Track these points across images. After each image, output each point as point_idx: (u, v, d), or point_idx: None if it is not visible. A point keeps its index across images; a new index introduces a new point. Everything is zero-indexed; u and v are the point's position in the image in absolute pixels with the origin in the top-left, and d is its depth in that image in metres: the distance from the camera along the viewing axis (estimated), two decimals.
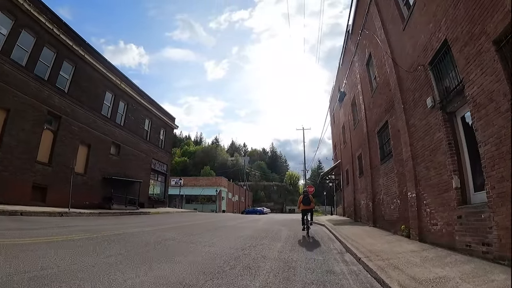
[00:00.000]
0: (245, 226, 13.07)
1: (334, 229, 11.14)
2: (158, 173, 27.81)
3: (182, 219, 15.83)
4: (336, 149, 24.12)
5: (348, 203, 19.01)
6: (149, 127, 27.14)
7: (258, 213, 49.76)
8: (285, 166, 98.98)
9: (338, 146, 22.84)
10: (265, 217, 26.20)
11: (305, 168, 45.03)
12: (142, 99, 26.02)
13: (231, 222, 15.72)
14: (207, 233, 9.42)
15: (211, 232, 9.93)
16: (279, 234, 10.15)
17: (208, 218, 18.73)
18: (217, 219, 18.40)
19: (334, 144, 25.52)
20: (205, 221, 15.21)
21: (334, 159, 24.62)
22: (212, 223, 13.81)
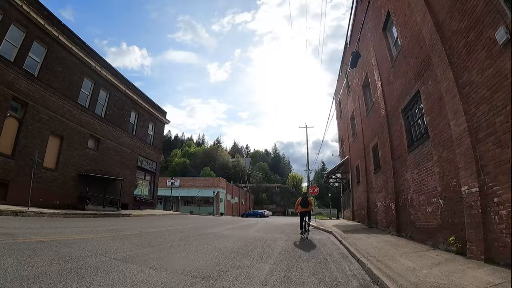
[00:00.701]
0: (233, 234, 10.32)
1: (346, 240, 8.34)
2: (145, 171, 25.18)
3: (162, 224, 13.16)
4: (343, 144, 21.30)
5: (358, 205, 16.16)
6: (135, 121, 24.59)
7: (258, 216, 46.93)
8: (288, 167, 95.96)
9: (345, 140, 20.03)
10: (264, 221, 23.40)
11: (308, 168, 42.08)
12: (127, 89, 23.51)
13: (219, 227, 12.99)
14: (175, 244, 6.73)
15: (183, 242, 7.22)
16: (272, 246, 7.39)
17: (196, 222, 16.04)
18: (205, 223, 15.67)
19: (341, 139, 22.70)
20: (188, 226, 12.52)
21: (341, 156, 21.79)
22: (193, 229, 11.09)
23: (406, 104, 8.35)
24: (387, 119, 10.06)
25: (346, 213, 20.56)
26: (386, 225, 10.38)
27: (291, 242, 8.42)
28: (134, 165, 23.82)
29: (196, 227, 12.34)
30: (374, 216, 12.29)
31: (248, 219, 26.60)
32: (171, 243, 6.95)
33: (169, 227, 11.36)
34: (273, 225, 17.15)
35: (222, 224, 15.91)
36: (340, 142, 23.07)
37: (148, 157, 25.46)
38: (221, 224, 15.50)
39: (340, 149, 22.82)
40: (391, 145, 9.62)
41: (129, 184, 22.95)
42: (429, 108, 6.91)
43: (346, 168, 19.40)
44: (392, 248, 6.80)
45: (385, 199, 10.56)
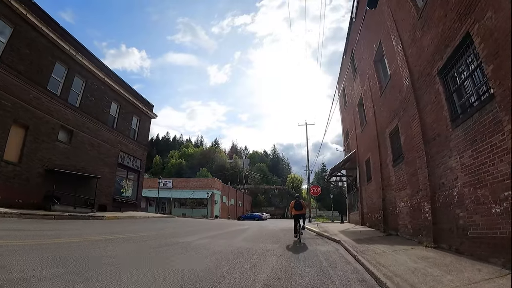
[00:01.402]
0: (211, 244, 7.78)
1: (363, 255, 5.81)
2: (128, 169, 22.66)
3: (132, 229, 10.71)
4: (348, 137, 18.78)
5: (369, 206, 13.62)
6: (116, 113, 22.13)
7: (256, 219, 44.38)
8: (287, 169, 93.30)
9: (351, 132, 17.52)
10: (259, 225, 20.84)
11: (309, 168, 39.59)
12: (107, 78, 21.10)
13: (201, 234, 10.51)
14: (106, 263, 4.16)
15: (127, 260, 4.70)
16: (258, 267, 4.86)
17: (178, 227, 13.59)
18: (189, 228, 13.17)
19: (345, 132, 20.19)
20: (162, 233, 10.04)
21: (346, 150, 19.27)
22: (164, 237, 8.58)
23: (446, 60, 5.85)
24: (413, 90, 7.56)
25: (353, 216, 18.00)
26: (413, 232, 7.85)
27: (287, 258, 5.90)
28: (114, 162, 21.31)
29: (171, 234, 9.81)
30: (394, 220, 9.73)
31: (242, 223, 24.05)
32: (102, 261, 4.42)
33: (135, 234, 8.88)
34: (268, 230, 14.61)
35: (207, 229, 13.40)
36: (345, 136, 20.56)
37: (131, 153, 22.94)
38: (207, 230, 12.99)
39: (345, 143, 20.30)
40: (421, 124, 7.10)
41: (108, 183, 20.44)
42: (492, 52, 4.43)
43: (352, 164, 16.86)
44: (442, 272, 4.27)
45: (410, 197, 8.04)
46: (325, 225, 18.55)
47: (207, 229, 13.60)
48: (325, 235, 10.82)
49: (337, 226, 16.55)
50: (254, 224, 23.67)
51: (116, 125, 21.81)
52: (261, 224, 21.71)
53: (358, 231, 11.74)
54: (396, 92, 9.04)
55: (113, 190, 20.92)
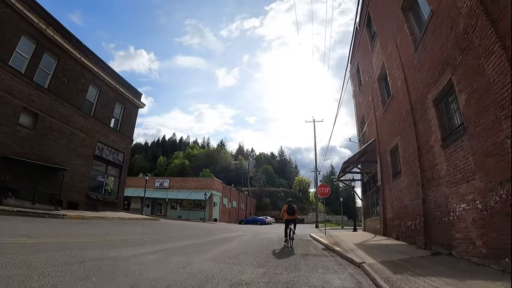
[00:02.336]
0: (153, 264, 4.60)
1: None
2: (107, 163, 19.76)
3: (82, 232, 7.91)
4: (365, 125, 15.34)
5: (397, 211, 10.19)
6: (95, 99, 19.33)
7: (258, 223, 41.09)
8: (295, 171, 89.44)
9: (369, 117, 14.14)
10: (255, 232, 17.55)
11: (316, 168, 36.11)
12: (85, 58, 18.38)
13: (163, 244, 7.41)
14: None
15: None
16: None
17: (146, 233, 10.46)
18: (157, 235, 10.02)
19: (360, 119, 16.78)
20: (106, 240, 6.94)
21: (361, 142, 15.82)
22: (101, 247, 5.52)
23: None
24: None
25: (370, 224, 14.50)
26: (488, 254, 4.52)
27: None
28: (90, 154, 18.45)
29: (122, 242, 6.74)
30: (444, 231, 6.32)
31: (238, 228, 20.81)
32: None
33: (72, 239, 5.99)
34: (262, 240, 11.34)
35: (185, 236, 10.26)
36: (359, 125, 17.12)
37: (111, 145, 20.04)
38: (184, 237, 9.89)
39: (360, 133, 16.86)
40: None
41: (80, 177, 17.56)
42: None
43: (371, 157, 13.45)
44: None
45: (483, 194, 4.72)
46: (335, 233, 15.15)
47: (185, 236, 10.45)
48: (337, 251, 7.48)
49: (350, 236, 13.11)
50: (252, 229, 20.39)
51: (94, 112, 18.99)
52: (258, 231, 18.36)
53: (383, 246, 8.34)
54: (445, 30, 5.72)
55: (87, 185, 18.02)
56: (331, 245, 8.68)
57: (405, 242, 9.01)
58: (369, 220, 14.90)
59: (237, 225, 30.55)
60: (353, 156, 13.02)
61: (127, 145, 21.56)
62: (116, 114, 20.99)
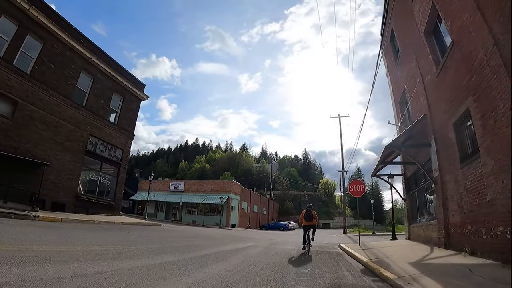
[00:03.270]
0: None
1: None
2: (103, 160, 17.56)
3: (23, 238, 5.17)
4: (408, 102, 11.62)
5: (469, 212, 6.59)
6: (88, 88, 17.30)
7: (281, 228, 37.55)
8: (319, 174, 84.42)
9: (413, 91, 10.48)
10: (271, 241, 14.36)
11: (343, 168, 32.17)
12: (76, 43, 16.49)
13: (99, 265, 4.53)
14: None
15: None
16: None
17: (98, 244, 7.73)
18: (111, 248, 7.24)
19: (399, 99, 13.10)
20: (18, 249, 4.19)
21: (401, 124, 12.07)
22: None
23: None
24: None
25: (419, 230, 10.68)
26: None
27: None
28: (81, 149, 16.32)
29: (44, 257, 3.92)
30: None
31: (250, 237, 17.69)
32: None
33: None
34: (274, 255, 8.16)
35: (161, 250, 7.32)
36: (398, 106, 13.44)
37: (107, 140, 17.84)
38: (157, 251, 6.94)
39: (399, 117, 13.13)
40: None
41: (68, 174, 15.44)
42: None
43: (419, 139, 9.80)
44: None
45: None
46: (373, 243, 11.56)
47: (170, 248, 7.57)
48: (389, 278, 4.17)
49: (395, 248, 9.47)
50: (269, 237, 17.16)
51: (86, 102, 16.93)
52: (276, 240, 15.04)
53: (461, 268, 4.85)
54: None
55: (77, 184, 15.85)
56: (374, 266, 5.33)
57: (492, 260, 5.44)
58: (416, 226, 11.10)
59: (254, 232, 27.37)
60: (397, 138, 9.37)
61: (126, 140, 19.31)
62: (114, 106, 18.86)
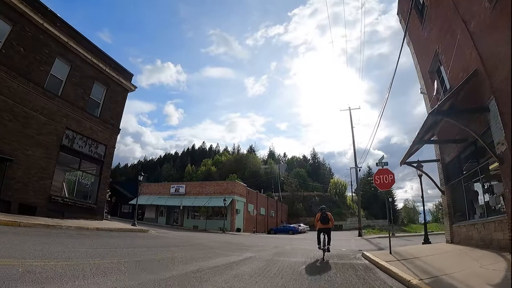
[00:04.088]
0: None
1: None
2: (82, 157, 15.42)
3: None
4: (440, 66, 9.03)
5: None
6: (65, 76, 15.24)
7: (290, 231, 34.96)
8: (329, 175, 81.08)
9: (455, 46, 7.90)
10: (276, 250, 11.83)
11: (356, 164, 29.46)
12: (49, 25, 14.51)
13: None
14: None
15: None
16: None
17: (31, 258, 5.44)
18: (34, 264, 4.94)
19: (429, 66, 10.50)
20: None
21: (435, 96, 9.42)
22: None
23: None
24: None
25: (471, 231, 7.94)
26: None
27: None
28: (55, 144, 14.21)
29: None
30: None
31: (253, 244, 15.19)
32: None
33: None
34: (277, 273, 5.77)
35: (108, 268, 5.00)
36: (429, 76, 10.84)
37: (87, 134, 15.72)
38: (99, 272, 4.61)
39: (430, 90, 10.52)
40: None
41: (40, 172, 13.36)
42: None
43: (468, 104, 7.23)
44: None
45: None
46: (405, 250, 8.96)
47: (136, 264, 5.30)
48: None
49: (444, 256, 6.89)
50: (276, 244, 14.62)
51: (62, 92, 14.87)
52: (283, 247, 12.39)
53: None
54: None
55: (51, 184, 13.73)
56: None
57: None
58: (465, 225, 8.43)
59: (260, 237, 24.85)
60: (440, 104, 6.75)
61: (111, 135, 17.14)
62: (96, 97, 16.75)
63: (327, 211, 8.97)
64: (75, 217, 14.10)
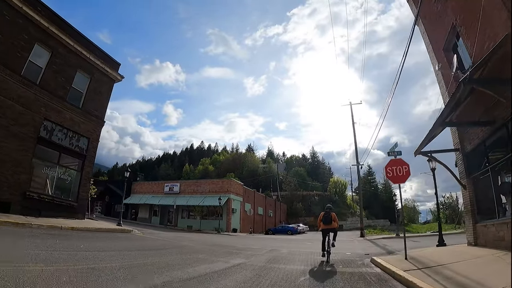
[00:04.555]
0: None
1: None
2: (62, 150, 14.18)
3: None
4: (465, 35, 7.83)
5: None
6: (45, 63, 14.01)
7: (289, 232, 33.77)
8: (329, 174, 79.94)
9: (480, 13, 6.72)
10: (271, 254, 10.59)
11: (358, 161, 28.33)
12: (29, 8, 13.31)
13: None
14: None
15: None
16: None
17: None
18: None
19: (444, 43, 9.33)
20: None
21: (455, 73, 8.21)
22: None
23: None
24: None
25: (502, 231, 6.74)
26: None
27: None
28: (32, 135, 12.98)
29: None
30: None
31: (247, 246, 13.99)
32: None
33: None
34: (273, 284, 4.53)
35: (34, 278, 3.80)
36: (442, 57, 9.68)
37: (68, 126, 14.49)
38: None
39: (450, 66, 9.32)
40: None
41: (14, 166, 12.13)
42: None
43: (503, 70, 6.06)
44: None
45: None
46: (422, 254, 7.79)
47: (75, 272, 4.07)
48: None
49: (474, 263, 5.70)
50: (272, 246, 13.39)
51: (40, 80, 13.65)
52: (279, 250, 11.11)
53: None
54: None
55: (26, 179, 12.51)
56: None
57: None
58: (493, 224, 7.25)
59: (256, 238, 23.66)
60: (472, 71, 5.56)
61: (94, 127, 15.90)
62: (79, 86, 15.51)
63: (332, 210, 8.55)
64: (53, 216, 12.88)
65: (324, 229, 8.25)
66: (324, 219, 8.35)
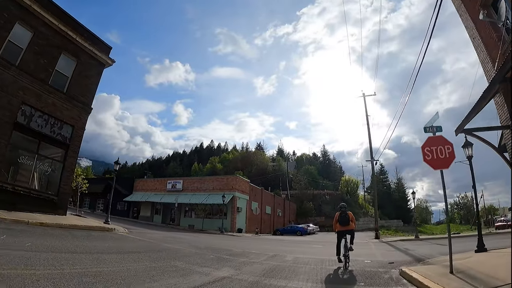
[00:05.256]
0: None
1: None
2: (42, 138, 12.85)
3: None
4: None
5: None
6: (26, 43, 12.72)
7: (298, 232, 31.97)
8: (340, 173, 77.34)
9: None
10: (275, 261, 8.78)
11: (373, 156, 26.26)
12: None
13: None
14: None
15: None
16: None
17: None
18: None
19: None
20: None
21: (505, 23, 6.31)
22: None
23: None
24: None
25: None
26: None
27: None
28: (8, 121, 11.69)
29: None
30: None
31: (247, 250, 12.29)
32: None
33: None
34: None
35: None
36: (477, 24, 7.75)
37: (50, 112, 13.16)
38: None
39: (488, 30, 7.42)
40: None
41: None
42: None
43: None
44: None
45: None
46: (460, 261, 5.94)
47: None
48: None
49: None
50: (273, 251, 11.58)
51: (20, 61, 12.35)
52: (282, 259, 9.07)
53: None
54: None
55: (2, 169, 11.20)
56: None
57: None
58: None
59: (260, 240, 21.96)
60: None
61: (79, 114, 14.52)
62: (64, 70, 14.17)
63: (347, 210, 7.78)
64: (30, 210, 11.53)
65: (341, 230, 7.47)
66: (341, 219, 7.56)
